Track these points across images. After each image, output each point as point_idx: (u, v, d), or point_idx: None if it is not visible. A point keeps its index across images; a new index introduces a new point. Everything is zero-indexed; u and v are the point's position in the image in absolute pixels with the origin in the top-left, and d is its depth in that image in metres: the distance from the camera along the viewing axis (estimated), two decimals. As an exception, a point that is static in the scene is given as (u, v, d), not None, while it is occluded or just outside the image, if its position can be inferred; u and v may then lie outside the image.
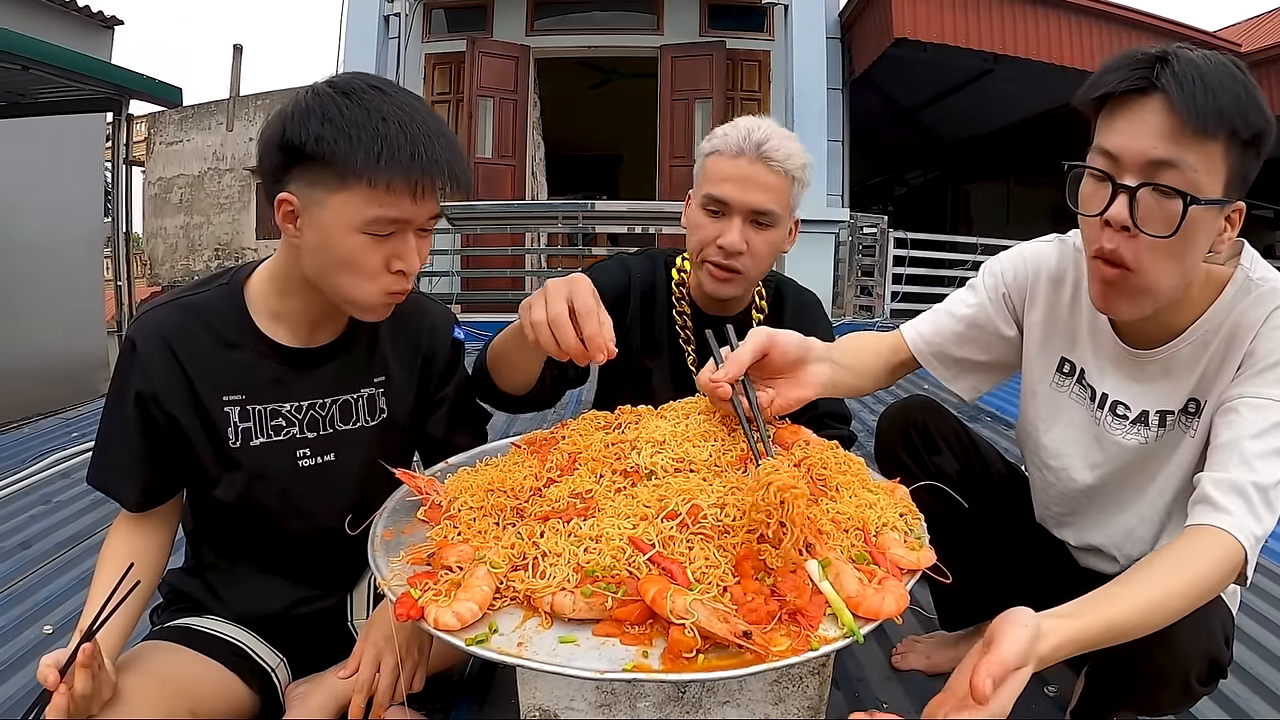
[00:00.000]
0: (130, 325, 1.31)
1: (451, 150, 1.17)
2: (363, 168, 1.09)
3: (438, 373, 1.48)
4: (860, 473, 1.18)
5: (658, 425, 1.21)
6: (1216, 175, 1.08)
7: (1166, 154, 1.06)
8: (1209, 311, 1.23)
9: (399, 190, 1.12)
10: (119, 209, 7.05)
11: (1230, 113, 1.05)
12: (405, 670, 1.23)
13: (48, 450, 3.35)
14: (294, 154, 1.13)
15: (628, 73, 10.50)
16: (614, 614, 0.90)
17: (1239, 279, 1.23)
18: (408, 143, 1.11)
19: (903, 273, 8.37)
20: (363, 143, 1.09)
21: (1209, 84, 1.05)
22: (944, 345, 1.50)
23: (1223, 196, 1.10)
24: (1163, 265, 1.12)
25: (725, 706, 1.08)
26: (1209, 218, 1.10)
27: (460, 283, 8.47)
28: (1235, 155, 1.08)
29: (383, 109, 1.12)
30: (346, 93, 1.13)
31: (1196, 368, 1.26)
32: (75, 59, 6.07)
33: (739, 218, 1.58)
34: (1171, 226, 1.07)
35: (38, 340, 7.60)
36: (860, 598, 0.92)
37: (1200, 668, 1.18)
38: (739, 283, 1.64)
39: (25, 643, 1.85)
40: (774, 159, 1.56)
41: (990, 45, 8.38)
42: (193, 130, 17.36)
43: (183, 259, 17.17)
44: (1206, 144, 1.06)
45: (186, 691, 1.21)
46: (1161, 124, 1.06)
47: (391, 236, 1.16)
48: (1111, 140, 1.12)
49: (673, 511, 1.00)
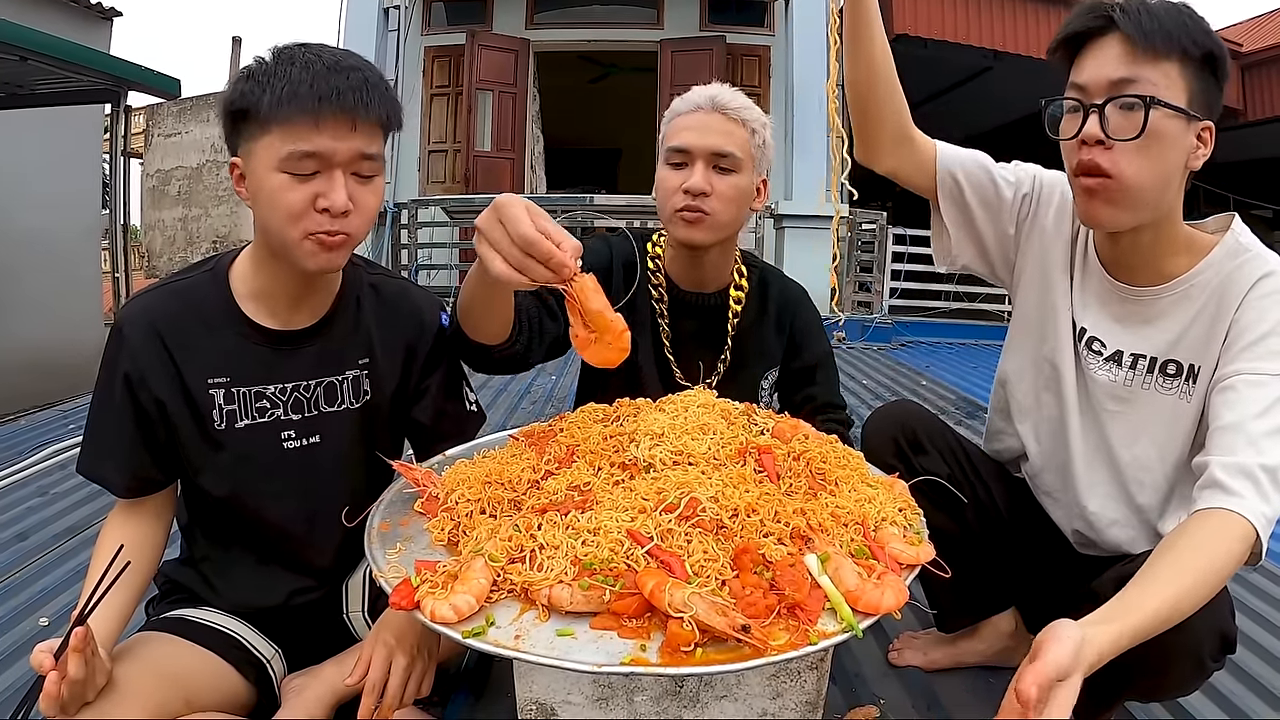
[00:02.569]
0: (118, 312, 1.33)
1: (357, 82, 1.19)
2: (269, 107, 1.15)
3: (423, 358, 1.47)
4: (859, 467, 1.18)
5: (656, 418, 1.21)
6: (1177, 89, 1.21)
7: (1126, 73, 1.21)
8: (1199, 266, 1.31)
9: (301, 122, 1.15)
10: (117, 201, 7.04)
11: (1177, 34, 1.20)
12: (416, 672, 1.23)
13: (44, 442, 3.34)
14: (231, 116, 1.21)
15: (627, 67, 10.49)
16: (612, 607, 0.90)
17: (1228, 242, 1.31)
18: (308, 78, 1.16)
19: (901, 269, 8.37)
20: (271, 85, 1.15)
21: (1155, 14, 1.21)
22: (965, 179, 1.50)
23: (1187, 108, 1.21)
24: (1137, 165, 1.22)
25: (723, 701, 1.08)
26: (1175, 126, 1.21)
27: (459, 275, 8.46)
28: (1191, 73, 1.22)
29: (294, 56, 1.19)
30: (276, 54, 1.20)
31: (1179, 321, 1.32)
32: (73, 50, 6.06)
33: (700, 162, 1.62)
34: (1137, 129, 1.20)
35: (35, 332, 7.58)
36: (859, 592, 0.92)
37: (1212, 644, 1.19)
38: (707, 225, 1.64)
39: (21, 635, 1.84)
40: (729, 107, 1.63)
41: (990, 42, 8.38)
42: (191, 122, 17.32)
43: (181, 251, 17.14)
44: (1161, 62, 1.20)
45: (182, 682, 1.21)
46: (1118, 50, 1.22)
47: (316, 177, 1.19)
48: (1080, 75, 1.27)
49: (671, 504, 1.00)
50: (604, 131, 12.88)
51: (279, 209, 1.19)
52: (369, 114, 1.19)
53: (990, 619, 1.68)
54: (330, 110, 1.16)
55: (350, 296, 1.40)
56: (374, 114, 1.20)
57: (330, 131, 1.17)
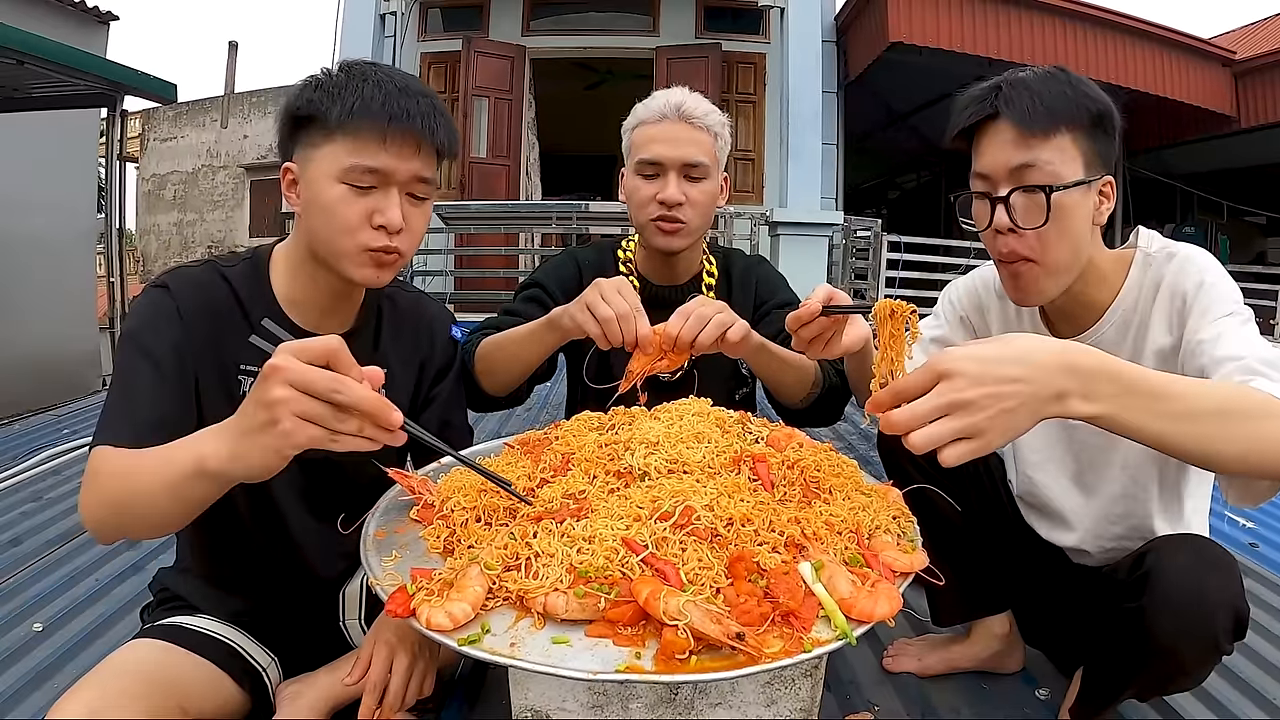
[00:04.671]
0: (160, 276, 1.30)
1: (425, 108, 1.24)
2: (338, 118, 1.20)
3: (434, 370, 1.51)
4: (853, 475, 1.19)
5: (651, 426, 1.21)
6: (1074, 160, 1.27)
7: (1022, 159, 1.27)
8: (1121, 292, 1.38)
9: (369, 137, 1.20)
10: (112, 205, 7.03)
11: (1060, 108, 1.26)
12: (418, 672, 1.23)
13: (38, 447, 3.33)
14: (293, 121, 1.25)
15: (623, 74, 10.48)
16: (607, 615, 0.90)
17: (1139, 260, 1.38)
18: (380, 95, 1.21)
19: (896, 276, 8.39)
20: (341, 98, 1.20)
21: (1036, 92, 1.27)
22: None
23: (1085, 176, 1.27)
24: (1053, 247, 1.29)
25: (717, 708, 1.08)
26: (1077, 196, 1.27)
27: (454, 282, 8.46)
28: (1083, 137, 1.27)
29: (366, 74, 1.24)
30: (344, 68, 1.26)
31: (1125, 343, 1.38)
32: (70, 54, 6.05)
33: (673, 173, 1.72)
34: (1043, 216, 1.26)
35: (30, 336, 7.55)
36: (853, 600, 0.93)
37: (1226, 619, 1.19)
38: (685, 234, 1.76)
39: (14, 641, 1.83)
40: (694, 116, 1.72)
41: (986, 50, 8.39)
42: (187, 127, 17.32)
43: (176, 256, 17.11)
44: (1052, 138, 1.26)
45: (177, 690, 1.21)
46: (1011, 135, 1.28)
47: (374, 192, 1.23)
48: (980, 164, 1.33)
49: (666, 512, 1.01)
50: (599, 138, 12.78)
51: (335, 219, 1.22)
52: (433, 139, 1.25)
53: (984, 621, 1.68)
54: (398, 130, 1.21)
55: (372, 308, 1.43)
56: (438, 139, 1.26)
57: (395, 150, 1.22)
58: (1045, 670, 1.73)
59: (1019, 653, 1.72)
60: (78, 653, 1.80)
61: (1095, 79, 1.31)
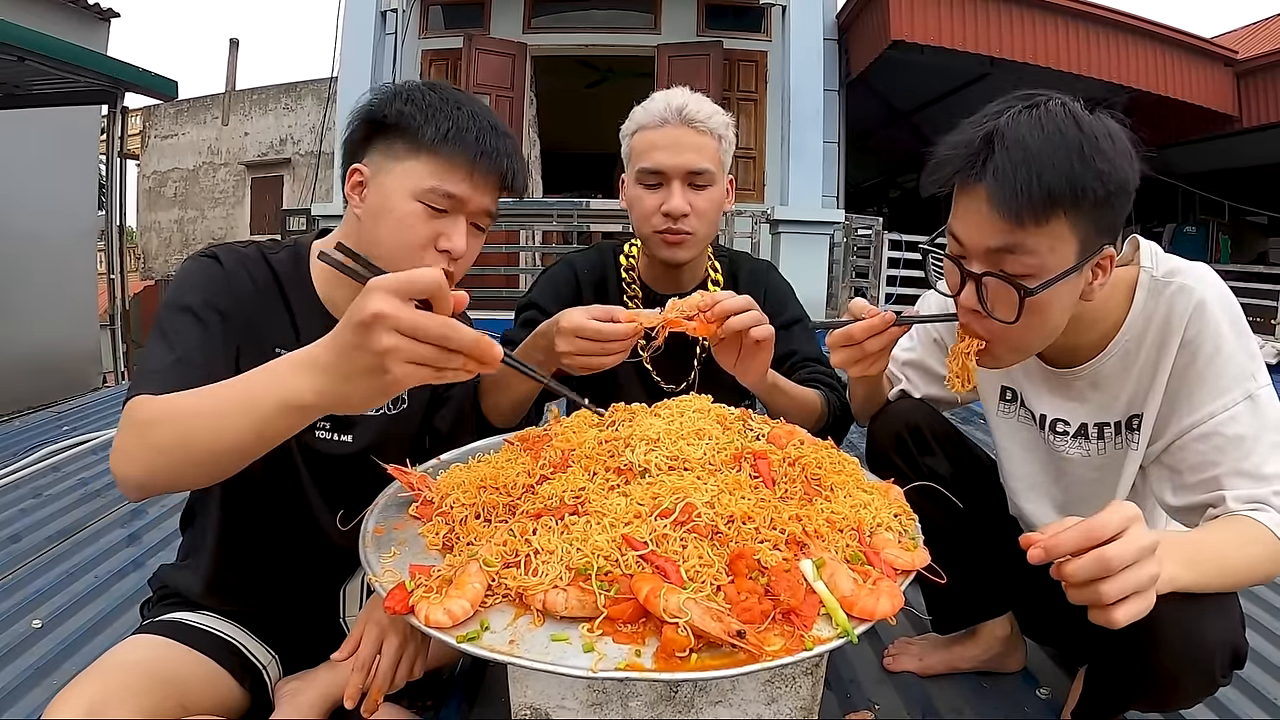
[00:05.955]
0: (209, 248, 1.33)
1: (513, 149, 1.30)
2: (431, 139, 1.24)
3: None
4: (855, 473, 1.18)
5: (651, 423, 1.21)
6: (1065, 246, 1.07)
7: (1003, 242, 1.08)
8: (1126, 322, 1.24)
9: (458, 166, 1.25)
10: (113, 202, 7.03)
11: (1061, 190, 1.03)
12: (408, 654, 1.22)
13: (39, 444, 3.33)
14: (376, 125, 1.28)
15: (624, 72, 10.48)
16: (607, 612, 0.90)
17: (1145, 281, 1.23)
18: (475, 128, 1.26)
19: (897, 275, 8.38)
20: (436, 120, 1.25)
21: (1034, 167, 1.03)
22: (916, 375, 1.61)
23: (1079, 259, 1.09)
24: (1021, 335, 1.15)
25: (718, 706, 1.08)
26: (1064, 286, 1.10)
27: (455, 280, 8.45)
28: (1086, 220, 1.06)
29: (459, 101, 1.29)
30: (431, 87, 1.31)
31: (1128, 379, 1.28)
32: (71, 51, 6.06)
33: (677, 182, 1.63)
34: (1014, 314, 1.10)
35: (30, 333, 7.56)
36: (854, 598, 0.92)
37: (1224, 658, 1.18)
38: (691, 244, 1.67)
39: (14, 637, 1.83)
40: (697, 120, 1.62)
41: (988, 48, 8.39)
42: (188, 124, 17.32)
43: (176, 253, 17.12)
44: (1044, 225, 1.05)
45: (177, 686, 1.20)
46: (993, 216, 1.07)
47: (445, 216, 1.26)
48: (956, 226, 1.15)
49: (666, 510, 1.00)
50: (600, 136, 12.81)
51: (404, 235, 1.25)
52: (513, 182, 1.32)
53: (986, 623, 1.68)
54: (486, 165, 1.27)
55: None
56: (517, 183, 1.33)
57: (478, 183, 1.27)
58: (1046, 670, 1.73)
59: (1020, 652, 1.71)
60: (77, 649, 1.80)
61: (1097, 78, 1.25)
